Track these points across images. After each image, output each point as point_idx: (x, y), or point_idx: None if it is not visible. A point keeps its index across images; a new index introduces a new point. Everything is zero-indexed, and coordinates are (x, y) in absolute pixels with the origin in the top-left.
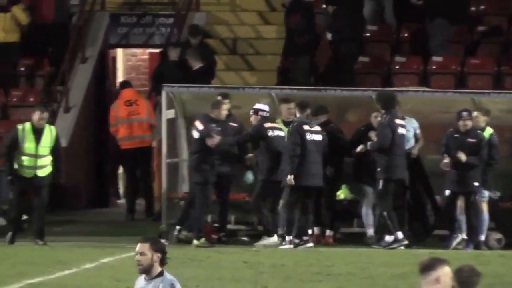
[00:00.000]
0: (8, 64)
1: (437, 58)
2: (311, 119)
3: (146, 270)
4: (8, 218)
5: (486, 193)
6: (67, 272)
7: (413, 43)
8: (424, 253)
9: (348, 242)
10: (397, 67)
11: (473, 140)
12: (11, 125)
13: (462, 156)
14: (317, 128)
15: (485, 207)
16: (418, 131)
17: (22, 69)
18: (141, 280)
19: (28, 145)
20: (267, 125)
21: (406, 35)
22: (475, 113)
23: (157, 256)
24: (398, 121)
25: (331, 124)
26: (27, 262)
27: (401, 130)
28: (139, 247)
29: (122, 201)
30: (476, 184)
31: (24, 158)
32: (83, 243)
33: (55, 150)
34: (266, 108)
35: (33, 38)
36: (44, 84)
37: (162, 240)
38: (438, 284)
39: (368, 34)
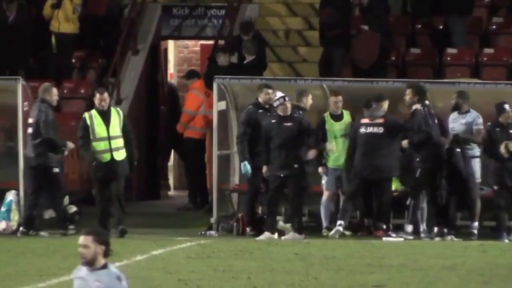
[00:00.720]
0: (65, 55)
1: (488, 50)
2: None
3: (90, 263)
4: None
5: None
6: (118, 264)
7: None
8: (475, 245)
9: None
10: (449, 58)
11: None
12: (62, 117)
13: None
14: (378, 120)
15: None
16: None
17: (74, 61)
18: (83, 269)
19: (99, 129)
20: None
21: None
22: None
23: (100, 249)
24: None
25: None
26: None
27: None
28: (81, 239)
29: (172, 193)
30: None
31: (98, 143)
32: (134, 235)
33: (126, 133)
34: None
35: (86, 30)
36: (96, 76)
37: (212, 232)
38: None
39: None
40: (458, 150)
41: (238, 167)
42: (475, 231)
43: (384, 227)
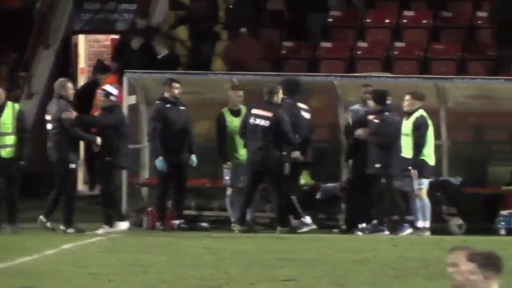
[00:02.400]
0: None
1: (400, 44)
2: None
3: None
4: None
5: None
6: (28, 258)
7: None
8: (386, 239)
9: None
10: (360, 52)
11: None
12: None
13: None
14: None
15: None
16: None
17: None
18: None
19: None
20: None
21: (369, 20)
22: (407, 97)
23: None
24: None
25: None
26: None
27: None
28: None
29: (83, 187)
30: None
31: None
32: (45, 230)
33: (19, 131)
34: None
35: None
36: (8, 71)
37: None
38: None
39: (330, 20)
40: None
41: (148, 162)
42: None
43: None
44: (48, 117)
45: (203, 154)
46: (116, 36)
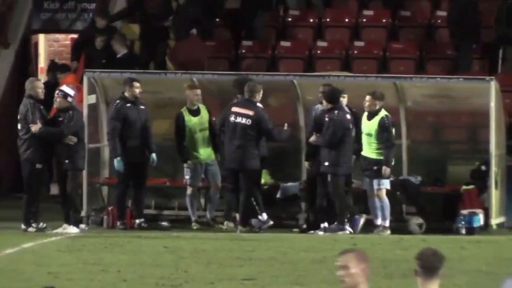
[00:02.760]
0: None
1: (359, 43)
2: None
3: None
4: None
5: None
6: None
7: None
8: (345, 238)
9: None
10: (319, 51)
11: None
12: None
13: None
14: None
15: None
16: None
17: None
18: None
19: None
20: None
21: (328, 19)
22: (367, 97)
23: None
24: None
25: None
26: None
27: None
28: None
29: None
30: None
31: None
32: (4, 229)
33: None
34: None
35: None
36: None
37: (83, 225)
38: None
39: (289, 19)
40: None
41: (108, 161)
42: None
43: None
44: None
45: (162, 153)
46: (76, 36)
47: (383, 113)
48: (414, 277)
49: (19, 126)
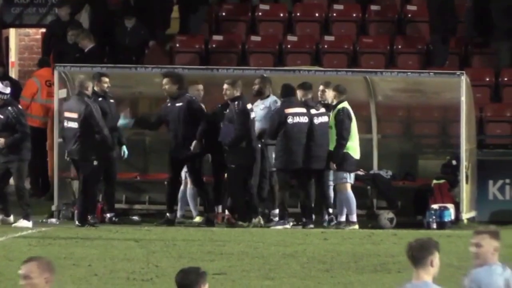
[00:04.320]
0: None
1: (329, 37)
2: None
3: None
4: None
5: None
6: None
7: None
8: (316, 232)
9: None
10: (289, 46)
11: None
12: None
13: None
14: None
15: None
16: None
17: None
18: None
19: None
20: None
21: (298, 14)
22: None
23: None
24: None
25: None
26: None
27: None
28: None
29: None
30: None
31: None
32: None
33: None
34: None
35: None
36: None
37: (53, 220)
38: None
39: (260, 13)
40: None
41: None
42: (276, 218)
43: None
44: (68, 115)
45: (133, 148)
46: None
47: (341, 106)
48: None
49: (72, 124)
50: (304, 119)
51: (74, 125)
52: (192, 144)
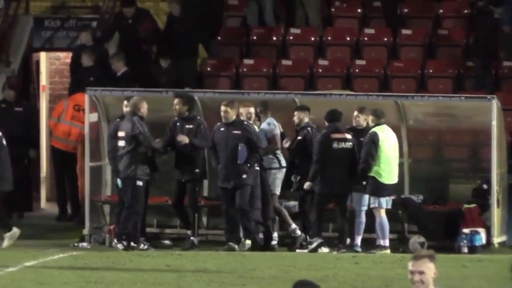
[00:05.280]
0: None
1: (360, 61)
2: None
3: None
4: None
5: None
6: None
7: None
8: (347, 257)
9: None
10: (320, 70)
11: None
12: None
13: None
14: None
15: None
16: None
17: None
18: None
19: None
20: None
21: (329, 38)
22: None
23: None
24: None
25: None
26: None
27: None
28: None
29: (44, 204)
30: None
31: None
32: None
33: None
34: None
35: None
36: None
37: (84, 244)
38: None
39: (291, 37)
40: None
41: (110, 179)
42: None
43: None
44: (120, 134)
45: (163, 171)
46: None
47: (372, 130)
48: None
49: (121, 143)
50: (349, 145)
51: (122, 143)
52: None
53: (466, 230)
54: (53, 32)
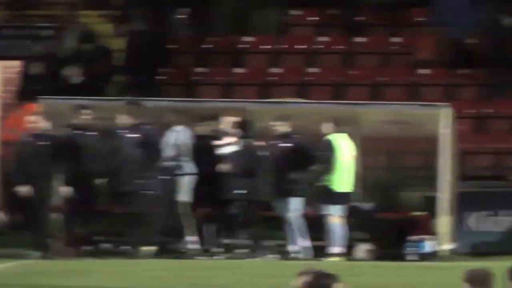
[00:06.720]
0: None
1: (314, 69)
2: None
3: None
4: None
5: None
6: None
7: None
8: (297, 265)
9: None
10: (276, 78)
11: None
12: None
13: None
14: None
15: None
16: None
17: None
18: None
19: None
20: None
21: (285, 46)
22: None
23: None
24: None
25: None
26: None
27: None
28: None
29: None
30: None
31: None
32: None
33: None
34: None
35: None
36: None
37: (36, 252)
38: None
39: (247, 46)
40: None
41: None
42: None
43: None
44: None
45: None
46: None
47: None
48: None
49: None
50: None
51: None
52: None
53: (414, 238)
54: (8, 41)
